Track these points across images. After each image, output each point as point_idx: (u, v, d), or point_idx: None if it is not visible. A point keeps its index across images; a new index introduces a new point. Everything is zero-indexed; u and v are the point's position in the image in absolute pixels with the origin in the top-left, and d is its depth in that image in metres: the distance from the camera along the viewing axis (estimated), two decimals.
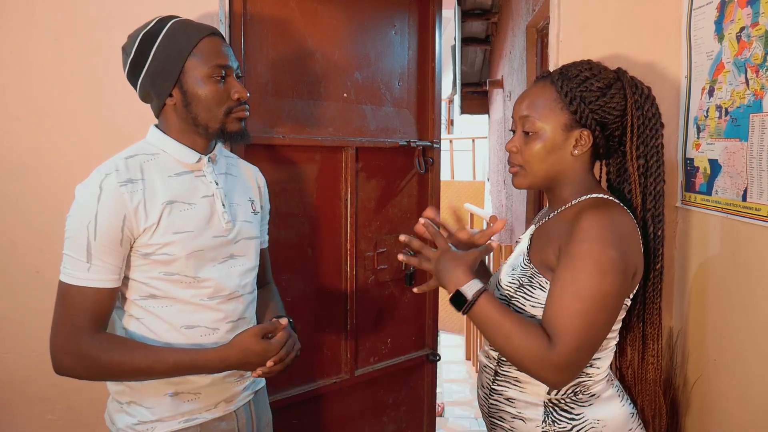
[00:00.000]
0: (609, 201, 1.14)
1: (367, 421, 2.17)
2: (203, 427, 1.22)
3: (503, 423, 1.19)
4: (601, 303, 1.03)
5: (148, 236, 1.13)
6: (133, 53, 1.17)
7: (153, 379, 1.16)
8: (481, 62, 5.64)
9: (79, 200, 1.11)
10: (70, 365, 1.11)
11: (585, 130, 1.14)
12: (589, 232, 1.05)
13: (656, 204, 1.20)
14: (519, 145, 1.17)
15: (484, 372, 1.25)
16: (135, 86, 1.22)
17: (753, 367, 1.36)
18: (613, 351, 1.18)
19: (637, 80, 1.19)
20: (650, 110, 1.17)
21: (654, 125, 1.18)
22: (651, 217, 1.20)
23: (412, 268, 2.18)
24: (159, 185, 1.16)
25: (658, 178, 1.19)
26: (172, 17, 1.20)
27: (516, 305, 1.15)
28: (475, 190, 6.09)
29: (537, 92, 1.18)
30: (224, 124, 1.20)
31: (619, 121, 1.16)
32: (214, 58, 1.17)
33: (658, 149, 1.19)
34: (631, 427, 1.16)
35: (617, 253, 1.04)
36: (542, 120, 1.14)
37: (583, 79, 1.14)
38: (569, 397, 1.14)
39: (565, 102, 1.13)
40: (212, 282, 1.20)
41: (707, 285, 1.56)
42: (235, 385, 1.27)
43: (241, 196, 1.31)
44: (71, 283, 1.11)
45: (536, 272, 1.14)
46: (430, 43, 2.22)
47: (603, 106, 1.14)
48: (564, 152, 1.16)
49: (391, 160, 2.14)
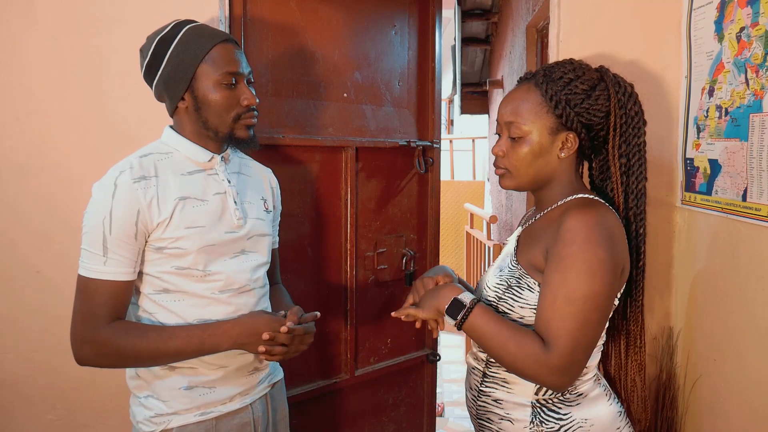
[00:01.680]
0: (594, 201, 1.15)
1: (367, 421, 2.17)
2: (219, 420, 1.25)
3: (491, 424, 1.20)
4: (593, 303, 1.04)
5: (162, 230, 1.17)
6: (149, 56, 1.21)
7: (171, 361, 1.18)
8: (481, 62, 5.65)
9: (95, 197, 1.16)
10: (90, 354, 1.15)
11: (571, 133, 1.15)
12: (577, 232, 1.05)
13: (638, 202, 1.20)
14: (506, 150, 1.17)
15: (472, 374, 1.26)
16: (151, 87, 1.26)
17: (753, 367, 1.36)
18: (600, 350, 1.19)
19: (620, 78, 1.18)
20: (633, 108, 1.17)
21: (636, 123, 1.17)
22: (633, 215, 1.20)
23: (412, 268, 2.19)
24: (172, 182, 1.20)
25: (640, 176, 1.19)
26: (188, 22, 1.23)
27: (504, 306, 1.15)
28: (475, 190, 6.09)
29: (521, 96, 1.16)
30: (233, 130, 1.24)
31: (603, 122, 1.16)
32: (225, 65, 1.20)
33: (640, 147, 1.18)
34: (618, 426, 1.16)
35: (605, 252, 1.04)
36: (528, 125, 1.14)
37: (568, 81, 1.14)
38: (557, 398, 1.14)
39: (551, 105, 1.13)
40: (223, 276, 1.23)
41: (707, 285, 1.56)
42: (249, 378, 1.30)
43: (253, 194, 1.34)
44: (89, 276, 1.14)
45: (524, 273, 1.14)
46: (430, 43, 2.22)
47: (588, 108, 1.14)
48: (550, 155, 1.16)
49: (391, 160, 2.14)
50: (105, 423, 1.65)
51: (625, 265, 1.12)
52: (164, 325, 1.20)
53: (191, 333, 1.16)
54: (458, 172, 8.15)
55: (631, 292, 1.23)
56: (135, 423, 1.24)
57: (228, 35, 1.24)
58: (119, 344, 1.13)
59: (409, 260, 2.18)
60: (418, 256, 2.24)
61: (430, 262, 2.29)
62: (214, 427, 1.24)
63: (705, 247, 1.58)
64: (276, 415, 1.38)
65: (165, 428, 1.21)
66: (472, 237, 4.53)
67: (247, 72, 1.25)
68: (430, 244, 2.27)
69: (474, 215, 4.80)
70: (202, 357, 1.21)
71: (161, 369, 1.21)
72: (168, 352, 1.15)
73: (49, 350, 1.59)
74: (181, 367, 1.22)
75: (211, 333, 1.17)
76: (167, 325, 1.19)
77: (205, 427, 1.23)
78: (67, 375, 1.60)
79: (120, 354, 1.14)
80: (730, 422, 1.46)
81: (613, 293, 1.08)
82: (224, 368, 1.25)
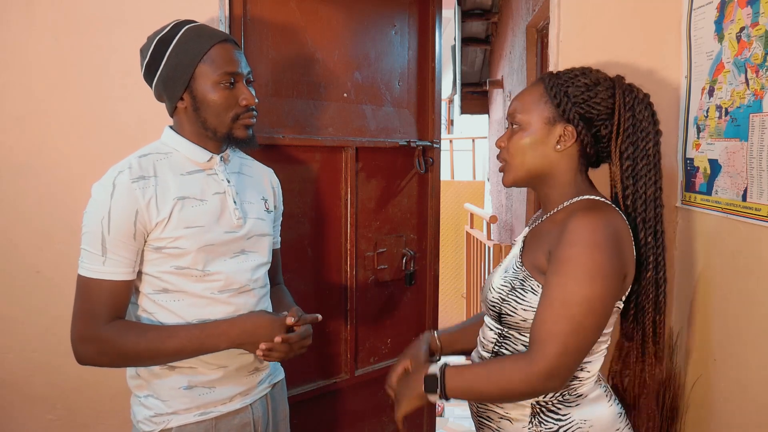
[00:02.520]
0: (601, 203, 1.14)
1: (367, 421, 2.17)
2: (219, 420, 1.25)
3: (491, 423, 1.20)
4: (588, 307, 1.03)
5: (160, 230, 1.17)
6: (148, 57, 1.22)
7: (170, 361, 1.19)
8: (481, 62, 5.65)
9: (94, 197, 1.16)
10: (90, 353, 1.15)
11: (569, 126, 1.14)
12: (578, 235, 1.05)
13: (647, 208, 1.16)
14: (506, 141, 1.19)
15: None
16: (150, 87, 1.26)
17: (753, 367, 1.36)
18: (603, 354, 1.17)
19: (635, 86, 1.17)
20: (642, 113, 1.15)
21: (646, 128, 1.15)
22: (642, 221, 1.16)
23: (412, 268, 2.19)
24: (171, 182, 1.20)
25: (649, 182, 1.16)
26: (187, 22, 1.23)
27: (507, 308, 1.15)
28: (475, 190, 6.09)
29: (527, 90, 1.20)
30: (231, 130, 1.24)
31: (606, 119, 1.15)
32: (224, 65, 1.20)
33: (648, 152, 1.15)
34: (618, 427, 1.16)
35: (605, 257, 1.04)
36: (526, 113, 1.16)
37: (572, 76, 1.16)
38: (556, 398, 1.13)
39: (550, 96, 1.15)
40: (222, 276, 1.23)
41: (707, 285, 1.56)
42: (249, 378, 1.30)
43: (253, 194, 1.34)
44: (88, 276, 1.15)
45: (528, 275, 1.13)
46: (430, 43, 2.22)
47: (587, 100, 1.13)
48: (547, 147, 1.15)
49: (391, 160, 2.14)
50: (105, 423, 1.65)
51: (629, 270, 1.11)
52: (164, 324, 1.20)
53: (191, 333, 1.16)
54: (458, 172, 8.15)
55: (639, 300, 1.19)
56: (135, 422, 1.24)
57: (227, 35, 1.24)
58: (119, 343, 1.13)
59: (409, 260, 2.18)
60: (418, 256, 2.24)
61: (430, 262, 2.29)
62: (213, 427, 1.24)
63: (705, 247, 1.58)
64: (276, 416, 1.38)
65: (164, 428, 1.21)
66: (472, 237, 4.54)
67: (246, 72, 1.24)
68: (430, 244, 2.28)
69: (474, 215, 4.80)
70: (202, 357, 1.21)
71: (161, 368, 1.21)
72: (167, 352, 1.15)
73: (49, 350, 1.59)
74: (181, 367, 1.22)
75: (210, 333, 1.17)
76: (167, 325, 1.19)
77: (205, 427, 1.23)
78: (67, 375, 1.60)
79: (119, 353, 1.14)
80: (730, 422, 1.46)
81: (612, 298, 1.07)
82: (224, 368, 1.25)
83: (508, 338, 1.17)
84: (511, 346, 1.16)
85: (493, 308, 1.17)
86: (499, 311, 1.16)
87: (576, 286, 1.03)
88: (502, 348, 1.17)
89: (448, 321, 5.21)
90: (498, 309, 1.16)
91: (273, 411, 1.37)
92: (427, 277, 2.29)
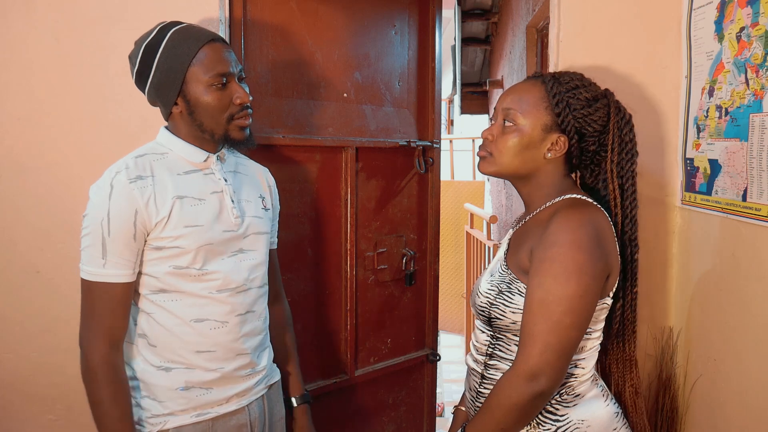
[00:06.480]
0: (584, 201, 1.14)
1: (367, 421, 2.17)
2: (215, 421, 1.25)
3: None
4: (568, 306, 1.03)
5: (160, 229, 1.16)
6: (138, 64, 1.21)
7: None
8: (481, 62, 5.64)
9: (92, 199, 1.16)
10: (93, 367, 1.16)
11: (563, 136, 1.15)
12: (559, 235, 1.05)
13: (633, 228, 1.20)
14: (495, 134, 1.18)
15: (472, 375, 1.26)
16: (143, 93, 1.25)
17: (753, 367, 1.36)
18: (597, 350, 1.18)
19: (621, 104, 1.20)
20: (628, 135, 1.18)
21: (630, 150, 1.18)
22: (628, 240, 1.20)
23: (412, 268, 2.19)
24: (168, 182, 1.19)
25: (633, 202, 1.19)
26: (173, 24, 1.21)
27: (496, 312, 1.14)
28: (475, 190, 6.08)
29: (525, 88, 1.18)
30: (227, 131, 1.23)
31: (597, 135, 1.17)
32: (214, 67, 1.19)
33: (632, 174, 1.19)
34: (615, 427, 1.16)
35: (585, 255, 1.04)
36: (524, 115, 1.15)
37: (574, 86, 1.15)
38: (554, 398, 1.13)
39: (552, 103, 1.14)
40: (220, 275, 1.23)
41: (707, 285, 1.56)
42: (246, 379, 1.29)
43: (250, 192, 1.34)
44: (89, 279, 1.15)
45: (514, 278, 1.14)
46: (430, 43, 2.21)
47: (586, 116, 1.15)
48: (537, 152, 1.16)
49: (391, 160, 2.14)
50: None
51: (612, 268, 1.11)
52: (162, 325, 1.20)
53: None
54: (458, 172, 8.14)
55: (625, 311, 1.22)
56: None
57: (214, 34, 1.22)
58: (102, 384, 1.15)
59: (409, 260, 2.18)
60: (418, 256, 2.24)
61: (430, 262, 2.29)
62: (210, 429, 1.24)
63: (705, 247, 1.58)
64: (273, 417, 1.38)
65: (161, 429, 1.20)
66: (472, 237, 4.53)
67: (237, 70, 1.23)
68: (430, 244, 2.28)
69: (474, 215, 4.79)
70: (199, 358, 1.21)
71: (157, 370, 1.21)
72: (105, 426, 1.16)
73: (49, 350, 1.59)
74: (178, 368, 1.21)
75: None
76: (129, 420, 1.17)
77: (202, 428, 1.23)
78: (67, 375, 1.59)
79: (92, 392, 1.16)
80: (730, 422, 1.46)
81: (593, 296, 1.07)
82: (221, 369, 1.24)
83: (501, 340, 1.17)
84: (504, 348, 1.16)
85: (482, 313, 1.18)
86: (488, 315, 1.16)
87: (554, 285, 1.03)
88: (496, 350, 1.18)
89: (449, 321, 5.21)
90: (487, 314, 1.16)
91: (269, 412, 1.36)
92: (427, 277, 2.29)
